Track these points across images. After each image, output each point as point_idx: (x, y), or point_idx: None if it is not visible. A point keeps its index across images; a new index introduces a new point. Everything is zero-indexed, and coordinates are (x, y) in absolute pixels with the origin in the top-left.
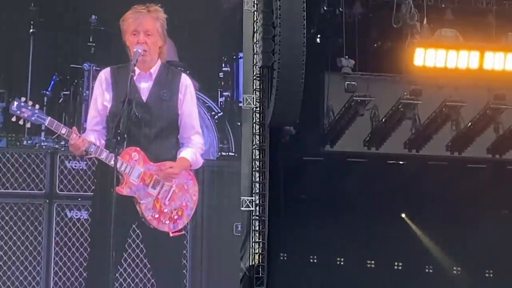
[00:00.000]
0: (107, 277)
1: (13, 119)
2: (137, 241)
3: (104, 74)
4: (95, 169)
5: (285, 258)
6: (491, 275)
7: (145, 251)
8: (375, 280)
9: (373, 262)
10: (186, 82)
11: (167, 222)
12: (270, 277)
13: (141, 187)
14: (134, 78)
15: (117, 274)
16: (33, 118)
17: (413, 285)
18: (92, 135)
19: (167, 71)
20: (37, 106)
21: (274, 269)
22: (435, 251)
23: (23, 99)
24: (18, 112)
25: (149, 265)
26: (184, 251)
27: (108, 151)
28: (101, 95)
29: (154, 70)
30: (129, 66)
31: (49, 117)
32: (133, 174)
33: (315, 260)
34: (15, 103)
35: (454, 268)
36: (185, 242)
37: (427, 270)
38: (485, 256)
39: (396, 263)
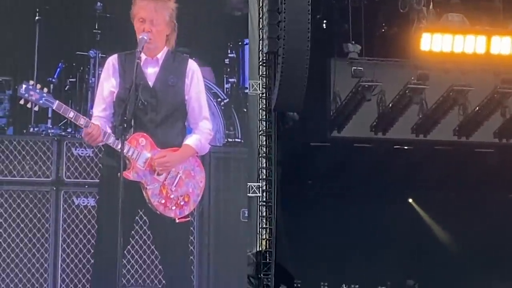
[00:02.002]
0: (114, 263)
1: (21, 102)
2: (144, 227)
3: (112, 60)
4: (101, 155)
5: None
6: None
7: (152, 237)
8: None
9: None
10: (193, 67)
11: (173, 208)
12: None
13: (147, 173)
14: (141, 64)
15: (124, 261)
16: (41, 101)
17: None
18: (98, 122)
19: (174, 57)
20: (45, 90)
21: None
22: (442, 236)
23: (31, 82)
24: (26, 95)
25: (156, 251)
26: (191, 237)
27: (115, 137)
28: (107, 81)
29: (161, 56)
30: (135, 58)
31: (57, 101)
32: (140, 160)
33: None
34: (23, 86)
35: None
36: (192, 228)
37: None
38: (493, 239)
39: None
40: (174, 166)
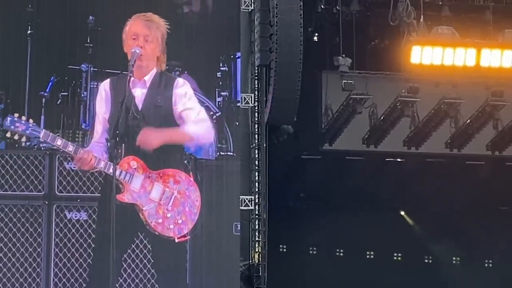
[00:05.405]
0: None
1: (8, 134)
2: (145, 251)
3: (104, 86)
4: (99, 176)
5: (285, 250)
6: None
7: (152, 260)
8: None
9: (372, 253)
10: (180, 82)
11: (172, 227)
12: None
13: (142, 194)
14: (130, 82)
15: (120, 280)
16: (27, 132)
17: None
18: (97, 148)
19: (162, 78)
20: (31, 120)
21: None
22: (434, 248)
23: (16, 115)
24: (12, 127)
25: (152, 271)
26: (185, 254)
27: (105, 161)
28: (101, 107)
29: (149, 78)
30: (127, 76)
31: (44, 130)
32: (133, 182)
33: (314, 252)
34: (8, 119)
35: (454, 258)
36: (186, 244)
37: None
38: (484, 251)
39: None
40: None
